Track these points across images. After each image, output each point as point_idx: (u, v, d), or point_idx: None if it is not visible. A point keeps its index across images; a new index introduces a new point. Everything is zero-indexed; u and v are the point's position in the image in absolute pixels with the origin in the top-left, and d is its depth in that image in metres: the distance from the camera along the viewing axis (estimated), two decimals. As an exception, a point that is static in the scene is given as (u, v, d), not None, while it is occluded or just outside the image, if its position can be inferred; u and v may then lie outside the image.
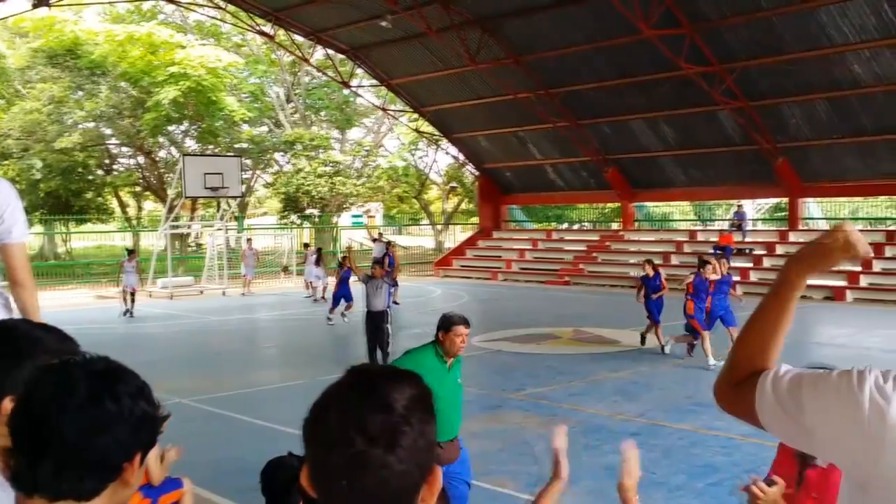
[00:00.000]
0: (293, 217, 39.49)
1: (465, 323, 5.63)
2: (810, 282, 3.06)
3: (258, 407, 10.72)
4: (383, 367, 1.36)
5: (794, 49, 22.25)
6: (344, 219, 43.77)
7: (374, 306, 13.03)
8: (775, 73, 23.41)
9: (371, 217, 49.71)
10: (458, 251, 35.29)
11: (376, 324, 13.01)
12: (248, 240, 28.70)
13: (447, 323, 5.59)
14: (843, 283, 22.64)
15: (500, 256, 33.11)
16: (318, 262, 25.32)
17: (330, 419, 1.23)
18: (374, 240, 29.31)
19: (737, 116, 25.21)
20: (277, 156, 42.76)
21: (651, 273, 15.01)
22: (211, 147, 37.63)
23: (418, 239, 50.13)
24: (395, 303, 20.55)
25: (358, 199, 41.29)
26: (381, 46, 30.03)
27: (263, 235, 39.02)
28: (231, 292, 27.26)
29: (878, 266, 23.21)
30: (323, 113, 44.40)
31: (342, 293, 19.22)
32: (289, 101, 43.12)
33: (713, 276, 13.41)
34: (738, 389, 1.62)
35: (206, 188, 26.37)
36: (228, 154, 33.96)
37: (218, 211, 31.27)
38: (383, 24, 26.56)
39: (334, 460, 1.21)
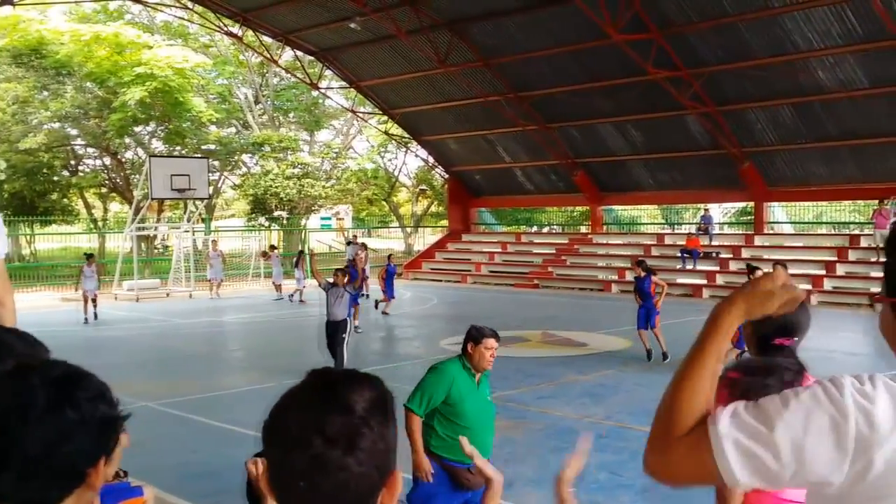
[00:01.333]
0: (261, 219, 39.25)
1: (496, 336, 5.29)
2: None
3: (225, 410, 10.62)
4: (344, 370, 1.34)
5: (759, 55, 22.56)
6: (313, 221, 43.59)
7: (334, 315, 12.48)
8: (741, 78, 23.71)
9: (340, 219, 49.48)
10: (428, 254, 35.28)
11: (333, 334, 12.50)
12: (214, 242, 28.44)
13: (478, 335, 5.22)
14: (807, 287, 22.94)
15: (469, 259, 33.16)
16: (297, 264, 25.28)
17: (289, 421, 1.23)
18: (349, 242, 29.23)
19: (704, 121, 25.48)
20: (245, 157, 42.49)
21: (641, 274, 14.05)
22: (178, 148, 37.28)
23: (388, 241, 50.03)
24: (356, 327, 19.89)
25: (327, 201, 41.13)
26: (351, 48, 29.96)
27: (231, 237, 38.72)
28: (198, 295, 27.00)
29: (841, 270, 23.58)
30: (291, 114, 44.20)
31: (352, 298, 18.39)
32: (257, 102, 42.86)
33: None
34: (678, 447, 1.47)
35: (173, 190, 26.12)
36: (196, 155, 33.63)
37: (185, 213, 30.97)
38: (352, 25, 26.52)
39: (293, 462, 1.21)
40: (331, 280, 12.74)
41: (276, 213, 38.72)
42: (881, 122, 22.78)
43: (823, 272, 23.67)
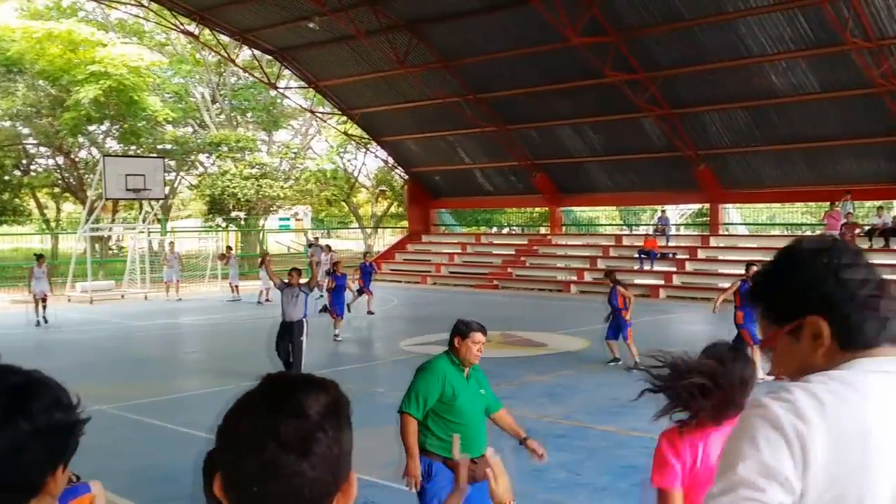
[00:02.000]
0: (218, 220, 38.82)
1: (483, 330, 5.26)
2: (730, 285, 3.18)
3: (181, 413, 10.48)
4: (299, 374, 1.34)
5: (714, 59, 22.90)
6: (271, 222, 43.24)
7: (290, 316, 12.16)
8: (697, 81, 24.06)
9: (299, 220, 49.17)
10: (388, 255, 35.20)
11: (290, 336, 12.13)
12: (171, 243, 28.08)
13: (465, 329, 5.18)
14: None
15: (429, 260, 33.15)
16: (262, 265, 25.13)
17: (242, 426, 1.22)
18: (310, 244, 29.07)
19: (660, 124, 25.80)
20: (202, 157, 42.01)
21: (610, 285, 13.75)
22: (133, 148, 36.75)
23: (347, 242, 49.80)
24: (370, 312, 20.37)
25: (285, 201, 40.84)
26: (309, 48, 29.79)
27: (188, 238, 38.23)
28: (153, 296, 26.63)
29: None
30: (249, 114, 43.79)
31: (338, 302, 17.68)
32: (214, 101, 42.38)
33: None
34: None
35: (128, 190, 25.75)
36: (151, 155, 33.19)
37: (140, 213, 30.53)
38: (311, 25, 26.36)
39: (247, 467, 1.19)
40: (285, 280, 12.43)
41: (233, 214, 38.33)
42: (831, 126, 23.27)
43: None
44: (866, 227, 24.31)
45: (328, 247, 28.42)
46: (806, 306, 1.51)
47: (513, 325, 18.50)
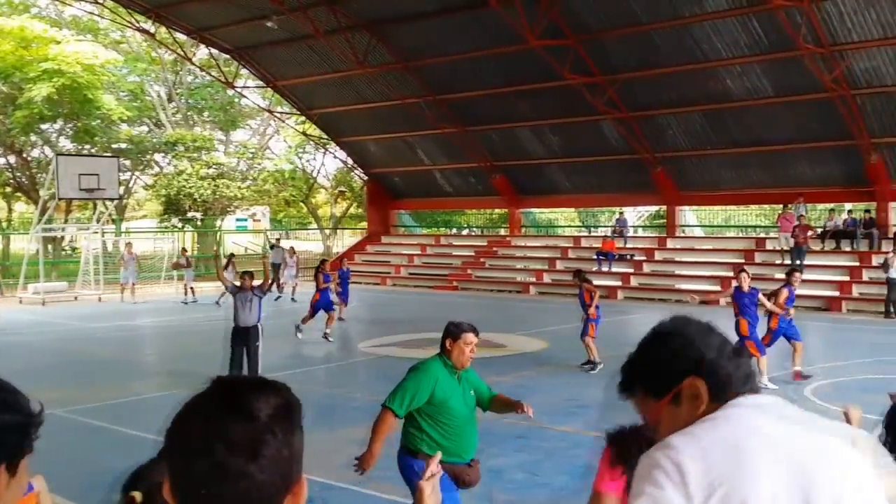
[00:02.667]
0: (174, 220, 38.29)
1: (475, 331, 5.18)
2: (686, 286, 3.20)
3: (135, 417, 10.29)
4: (249, 377, 1.34)
5: (671, 63, 23.18)
6: (228, 222, 42.78)
7: (244, 321, 11.75)
8: (654, 85, 24.32)
9: (257, 221, 48.71)
10: (347, 256, 34.98)
11: (246, 341, 11.72)
12: (128, 244, 27.59)
13: (456, 331, 5.12)
14: (716, 288, 23.64)
15: (388, 262, 33.06)
16: (227, 267, 24.94)
17: (191, 428, 1.22)
18: (272, 246, 28.84)
19: (618, 126, 26.04)
20: (158, 157, 41.43)
21: (579, 284, 13.64)
22: (87, 147, 36.12)
23: (306, 243, 49.45)
24: (341, 318, 19.28)
25: (243, 202, 40.43)
26: (267, 47, 29.55)
27: (143, 239, 37.65)
28: (107, 298, 26.17)
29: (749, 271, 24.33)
30: (206, 113, 43.26)
31: (324, 303, 17.27)
32: (170, 100, 41.81)
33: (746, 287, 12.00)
34: None
35: (82, 189, 25.28)
36: (105, 154, 32.65)
37: (94, 213, 29.99)
38: (269, 24, 26.15)
39: (195, 470, 1.19)
40: (237, 283, 12.01)
41: (189, 215, 37.82)
42: (785, 130, 23.70)
43: (731, 274, 24.39)
44: (819, 230, 24.78)
45: (292, 248, 28.32)
46: (681, 373, 1.73)
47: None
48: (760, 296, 11.97)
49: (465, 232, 41.70)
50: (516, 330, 17.69)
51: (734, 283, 12.50)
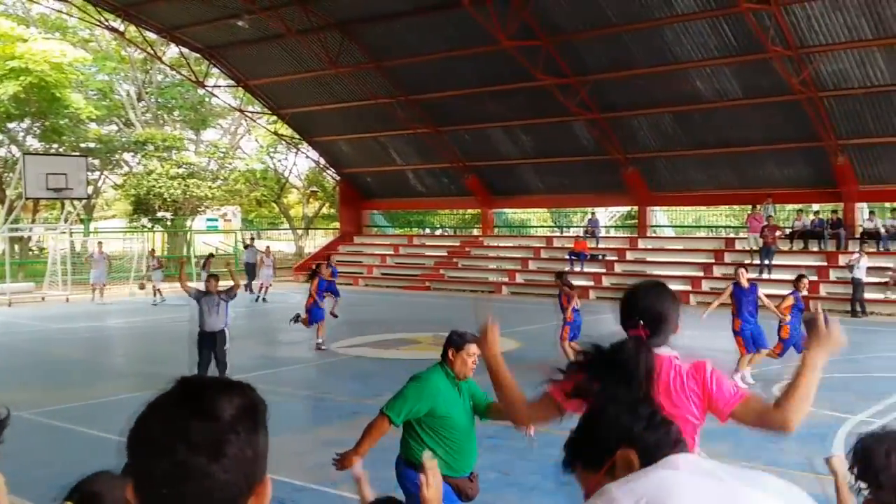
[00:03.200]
0: (144, 220, 37.90)
1: (478, 342, 5.15)
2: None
3: (104, 419, 10.16)
4: (213, 377, 1.33)
5: (642, 64, 23.34)
6: (198, 222, 42.41)
7: (211, 326, 11.34)
8: (625, 86, 24.47)
9: (228, 221, 48.35)
10: (319, 256, 34.83)
11: (213, 346, 11.38)
12: (99, 243, 27.22)
13: (460, 341, 4.97)
14: (687, 288, 23.87)
15: (360, 262, 32.97)
16: (205, 266, 24.78)
17: (153, 428, 1.22)
18: (246, 246, 28.61)
19: (590, 127, 26.17)
20: (127, 156, 40.98)
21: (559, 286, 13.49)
22: (55, 146, 35.68)
23: (278, 243, 49.19)
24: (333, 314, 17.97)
25: (213, 202, 40.10)
26: (238, 46, 29.34)
27: (112, 239, 37.21)
28: (75, 298, 25.83)
29: (718, 271, 24.60)
30: (176, 113, 42.88)
31: (316, 310, 16.10)
32: (140, 99, 41.40)
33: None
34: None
35: (49, 189, 24.95)
36: (73, 154, 32.26)
37: (62, 213, 29.59)
38: (240, 23, 25.98)
39: (157, 469, 1.19)
40: (202, 288, 11.64)
41: (159, 215, 37.46)
42: (754, 131, 23.95)
43: (701, 274, 24.67)
44: (787, 230, 25.07)
45: (268, 248, 28.23)
46: (614, 445, 1.85)
47: (444, 326, 18.35)
48: (760, 293, 12.03)
49: (437, 232, 41.69)
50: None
51: (733, 281, 12.49)
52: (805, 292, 12.38)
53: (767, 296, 12.41)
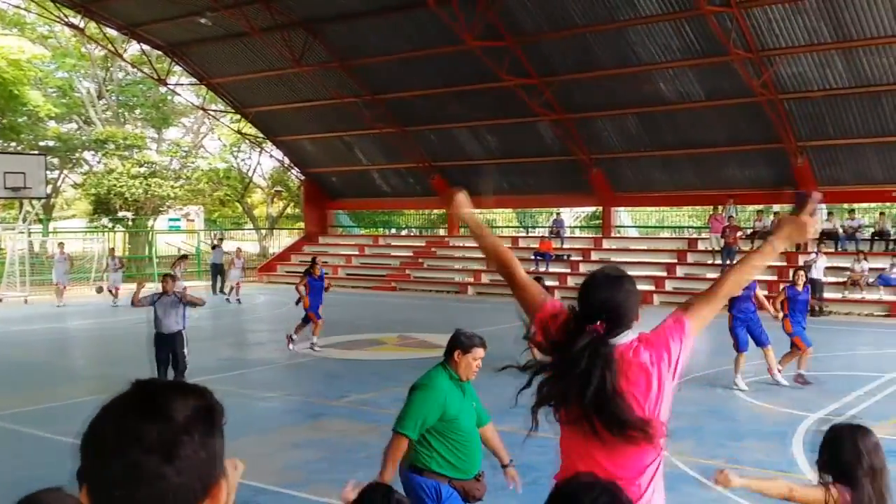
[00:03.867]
0: (104, 220, 37.36)
1: (485, 345, 4.90)
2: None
3: (64, 422, 9.98)
4: (169, 380, 1.33)
5: (606, 66, 23.51)
6: (160, 222, 41.90)
7: (167, 328, 10.98)
8: (590, 87, 24.64)
9: (190, 221, 47.82)
10: (283, 256, 34.66)
11: (172, 348, 11.04)
12: (60, 244, 26.65)
13: (468, 343, 4.83)
14: (650, 288, 24.10)
15: (326, 262, 32.72)
16: (175, 266, 24.47)
17: (106, 430, 1.22)
18: (214, 246, 28.29)
19: (555, 128, 26.30)
20: (87, 155, 40.42)
21: None
22: (13, 144, 35.06)
23: (241, 243, 48.79)
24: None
25: (176, 201, 39.64)
26: (201, 44, 29.04)
27: (72, 239, 36.61)
28: (34, 300, 25.37)
29: (681, 271, 24.88)
30: (138, 111, 42.34)
31: (314, 308, 16.04)
32: (100, 97, 40.80)
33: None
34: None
35: (7, 188, 24.43)
36: (32, 152, 31.71)
37: (20, 213, 29.06)
38: (203, 21, 25.72)
39: (110, 471, 1.19)
40: (158, 291, 11.24)
41: (120, 214, 36.93)
42: (716, 133, 24.26)
43: (665, 274, 24.91)
44: (748, 231, 25.40)
45: (238, 250, 28.05)
46: None
47: (410, 327, 18.48)
48: (758, 291, 12.06)
49: (403, 232, 41.63)
50: (454, 330, 17.68)
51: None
52: (801, 286, 12.26)
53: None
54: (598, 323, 2.84)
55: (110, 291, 24.58)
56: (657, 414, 2.82)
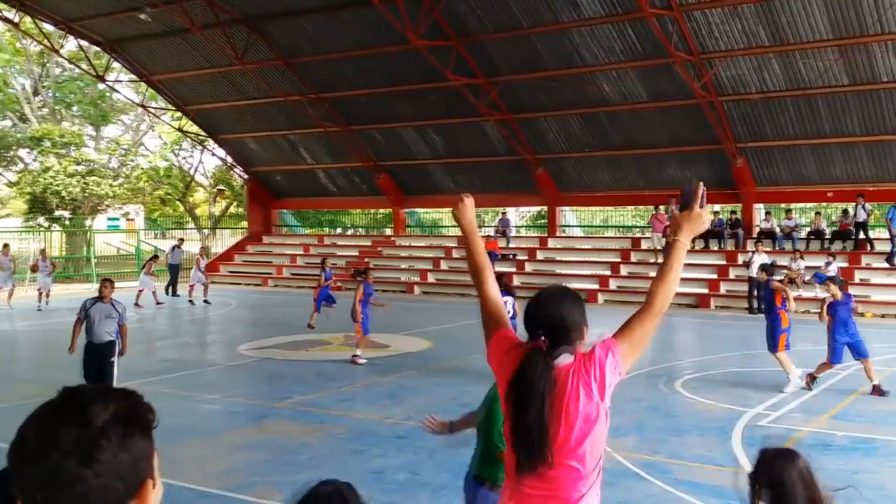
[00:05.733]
0: (40, 219, 36.37)
1: None
2: (566, 285, 3.29)
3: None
4: (96, 386, 1.36)
5: (551, 67, 23.69)
6: (99, 222, 40.96)
7: (99, 336, 10.09)
8: (535, 88, 24.80)
9: (130, 220, 46.84)
10: (227, 256, 34.14)
11: (100, 359, 10.13)
12: (6, 245, 25.61)
13: None
14: (595, 287, 24.36)
15: (270, 262, 32.44)
16: (146, 266, 24.11)
17: (28, 436, 1.26)
18: (174, 247, 27.71)
19: (501, 128, 26.41)
20: (22, 152, 39.34)
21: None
22: (-57, 141, 33.86)
23: (183, 244, 48.00)
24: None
25: (115, 200, 38.75)
26: (141, 40, 28.48)
27: (7, 239, 35.53)
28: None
29: (625, 270, 25.19)
30: (75, 108, 41.39)
31: (324, 296, 17.47)
32: (36, 93, 39.76)
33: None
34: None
35: (-64, 186, 23.61)
36: (-36, 149, 30.65)
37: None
38: (142, 16, 25.24)
39: (31, 475, 1.23)
40: (93, 297, 10.34)
41: (57, 213, 36.00)
42: (658, 134, 24.64)
43: (609, 272, 25.20)
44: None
45: (202, 250, 27.73)
46: None
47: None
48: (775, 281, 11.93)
49: (349, 232, 41.37)
50: (400, 330, 17.66)
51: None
52: (777, 282, 12.06)
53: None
54: (542, 339, 2.82)
55: (40, 293, 23.74)
56: (588, 440, 2.76)
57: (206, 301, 24.27)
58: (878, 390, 10.98)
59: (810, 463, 2.92)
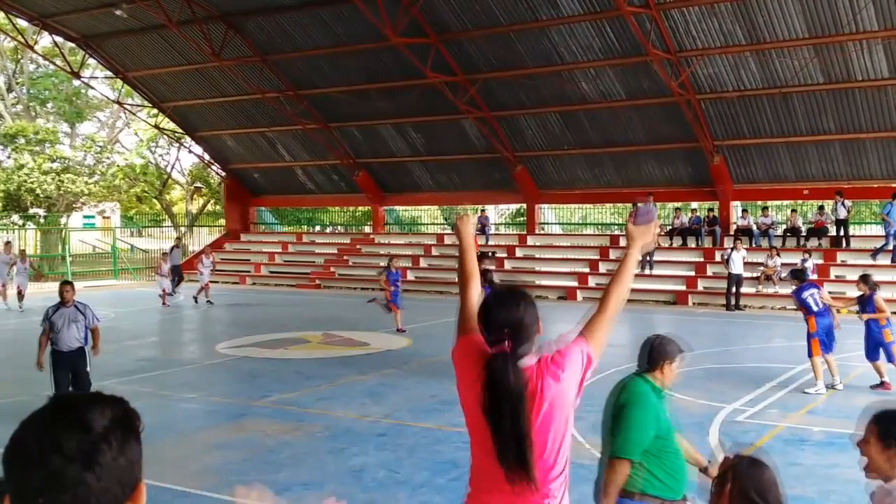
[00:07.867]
0: (14, 217, 35.96)
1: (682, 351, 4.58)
2: (545, 282, 3.33)
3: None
4: (86, 393, 1.42)
5: (529, 64, 23.73)
6: (74, 219, 40.55)
7: (68, 343, 9.55)
8: (514, 85, 24.82)
9: (106, 218, 46.41)
10: (204, 254, 33.86)
11: (73, 367, 9.57)
12: (7, 243, 25.15)
13: (672, 352, 4.45)
14: (574, 284, 24.44)
15: (248, 260, 32.27)
16: (160, 269, 24.06)
17: (28, 442, 1.29)
18: (173, 247, 27.46)
19: (480, 125, 26.42)
20: (-4, 150, 38.80)
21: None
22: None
23: (160, 242, 47.60)
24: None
25: (90, 198, 38.38)
26: (117, 36, 28.22)
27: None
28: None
29: (603, 267, 25.27)
30: (50, 104, 40.98)
31: (395, 299, 17.53)
32: (10, 90, 39.31)
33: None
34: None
35: None
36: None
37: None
38: (118, 12, 25.00)
39: (32, 480, 1.26)
40: (54, 304, 9.83)
41: (31, 211, 35.61)
42: (636, 132, 24.75)
43: (588, 270, 25.29)
44: (667, 227, 25.97)
45: (206, 248, 27.40)
46: None
47: (335, 325, 18.33)
48: (824, 292, 11.79)
49: (328, 230, 41.24)
50: (379, 328, 17.62)
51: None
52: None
53: (647, 290, 12.75)
54: (505, 342, 2.84)
55: (20, 293, 23.42)
56: (560, 440, 2.85)
57: (195, 298, 24.10)
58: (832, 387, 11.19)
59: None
